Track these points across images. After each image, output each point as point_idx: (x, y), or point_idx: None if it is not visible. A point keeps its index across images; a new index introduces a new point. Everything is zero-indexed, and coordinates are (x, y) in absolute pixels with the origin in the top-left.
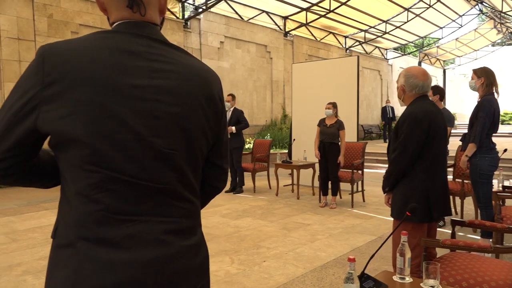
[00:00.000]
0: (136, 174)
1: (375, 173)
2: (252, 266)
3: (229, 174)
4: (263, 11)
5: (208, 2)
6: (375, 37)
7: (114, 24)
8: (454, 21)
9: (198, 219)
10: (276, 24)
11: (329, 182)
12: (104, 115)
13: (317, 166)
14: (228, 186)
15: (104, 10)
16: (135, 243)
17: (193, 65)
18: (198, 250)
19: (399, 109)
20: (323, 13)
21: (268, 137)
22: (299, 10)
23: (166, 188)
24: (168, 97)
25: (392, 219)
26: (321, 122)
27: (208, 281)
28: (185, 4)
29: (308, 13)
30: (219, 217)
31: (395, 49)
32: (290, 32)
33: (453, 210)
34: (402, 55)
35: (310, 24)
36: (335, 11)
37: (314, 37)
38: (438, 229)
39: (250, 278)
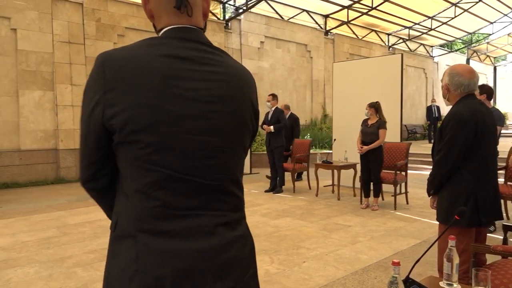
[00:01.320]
0: (191, 172)
1: (420, 174)
2: (292, 267)
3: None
4: (304, 10)
5: (249, 3)
6: (419, 34)
7: (162, 31)
8: (506, 15)
9: (243, 211)
10: (317, 23)
11: (371, 183)
12: (162, 118)
13: (358, 166)
14: (268, 185)
15: (152, 17)
16: (191, 234)
17: (236, 66)
18: (246, 240)
19: (445, 109)
20: (365, 11)
21: (308, 137)
22: (340, 8)
23: (217, 184)
24: (219, 98)
25: (437, 222)
26: (363, 122)
27: (256, 269)
28: (226, 5)
29: (349, 11)
30: (259, 217)
31: (441, 46)
32: (331, 31)
33: (504, 214)
34: (449, 52)
35: (351, 22)
36: (377, 8)
37: (356, 35)
38: (488, 234)
39: (290, 279)
